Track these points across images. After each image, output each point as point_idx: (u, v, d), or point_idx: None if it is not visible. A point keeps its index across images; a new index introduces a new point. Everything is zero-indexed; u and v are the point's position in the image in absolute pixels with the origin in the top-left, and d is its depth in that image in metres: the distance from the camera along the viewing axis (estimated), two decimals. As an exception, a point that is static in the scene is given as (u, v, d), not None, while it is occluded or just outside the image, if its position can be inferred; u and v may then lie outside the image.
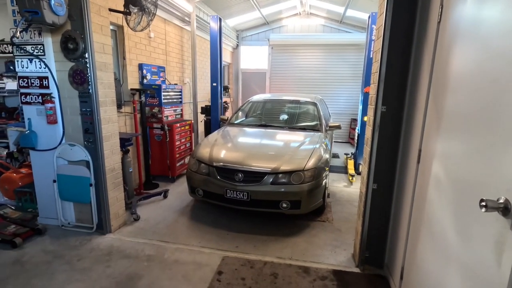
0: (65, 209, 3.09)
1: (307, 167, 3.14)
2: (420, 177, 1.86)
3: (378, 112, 2.22)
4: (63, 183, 2.97)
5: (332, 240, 3.05)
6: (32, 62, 2.79)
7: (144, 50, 4.52)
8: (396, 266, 2.21)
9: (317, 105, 4.73)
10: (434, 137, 1.69)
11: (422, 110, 1.86)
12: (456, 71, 1.49)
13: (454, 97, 1.49)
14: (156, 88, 4.41)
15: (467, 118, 1.35)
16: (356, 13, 7.15)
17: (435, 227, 1.61)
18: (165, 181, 4.69)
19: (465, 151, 1.36)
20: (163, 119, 4.51)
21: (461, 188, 1.37)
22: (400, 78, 2.17)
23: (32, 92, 2.87)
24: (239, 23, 8.21)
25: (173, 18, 5.31)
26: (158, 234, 3.05)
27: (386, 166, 2.32)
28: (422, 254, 1.76)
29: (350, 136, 8.42)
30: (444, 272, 1.48)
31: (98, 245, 2.81)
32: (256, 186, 3.07)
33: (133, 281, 2.30)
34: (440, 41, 1.69)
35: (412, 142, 2.03)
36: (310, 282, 2.34)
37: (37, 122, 2.93)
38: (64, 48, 2.67)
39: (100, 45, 2.78)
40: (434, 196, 1.65)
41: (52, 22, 2.36)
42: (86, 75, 2.71)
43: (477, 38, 1.33)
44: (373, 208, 2.40)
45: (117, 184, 3.14)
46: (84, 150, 2.88)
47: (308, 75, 8.66)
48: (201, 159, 3.41)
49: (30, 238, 2.86)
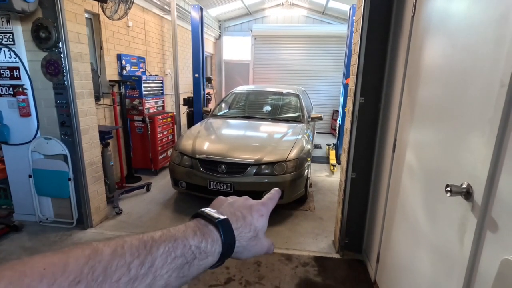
0: (42, 204, 3.00)
1: (289, 158, 3.19)
2: (395, 165, 1.95)
3: (357, 103, 2.29)
4: (40, 178, 2.87)
5: (314, 228, 3.15)
6: (1, 52, 2.65)
7: (123, 39, 4.37)
8: (373, 250, 2.32)
9: (299, 96, 4.78)
10: (408, 127, 1.77)
11: (397, 101, 1.93)
12: (428, 64, 1.56)
13: (425, 89, 1.56)
14: (136, 79, 4.29)
15: (436, 109, 1.43)
16: (338, 4, 7.20)
17: (408, 211, 1.71)
18: (148, 174, 4.63)
19: (434, 140, 1.44)
20: (144, 111, 4.42)
21: (430, 175, 1.46)
22: (378, 70, 2.24)
23: (2, 83, 2.72)
24: (222, 13, 8.06)
25: (152, 7, 5.14)
26: (141, 227, 3.03)
27: (364, 155, 2.41)
28: (396, 238, 1.87)
29: (332, 127, 8.58)
30: (415, 253, 1.59)
31: (79, 240, 2.77)
32: (239, 178, 3.10)
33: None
34: (414, 35, 1.76)
35: (388, 132, 2.12)
36: (292, 268, 2.42)
37: (8, 115, 2.80)
38: (36, 37, 2.54)
39: (75, 34, 2.67)
40: (407, 183, 1.74)
41: (22, 9, 2.23)
42: (60, 66, 2.60)
43: (446, 32, 1.40)
44: (352, 196, 2.50)
45: (97, 178, 3.07)
46: (61, 144, 2.79)
47: (291, 66, 8.69)
48: (184, 152, 3.39)
49: (6, 235, 2.76)
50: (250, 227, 0.41)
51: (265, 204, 0.45)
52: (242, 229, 0.40)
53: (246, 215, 0.41)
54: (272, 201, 0.47)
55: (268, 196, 0.48)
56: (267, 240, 0.44)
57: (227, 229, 0.38)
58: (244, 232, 0.40)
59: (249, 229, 0.40)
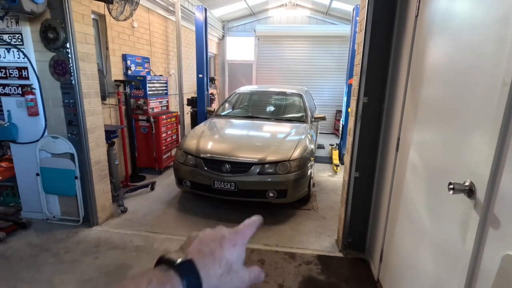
0: (49, 202, 3.05)
1: (293, 157, 3.21)
2: (399, 164, 1.97)
3: (360, 103, 2.30)
4: (47, 176, 2.92)
5: (317, 227, 3.17)
6: (10, 52, 2.70)
7: (128, 40, 4.42)
8: (376, 249, 2.34)
9: (302, 96, 4.80)
10: (411, 126, 1.79)
11: (401, 101, 1.95)
12: (431, 63, 1.57)
13: (428, 88, 1.58)
14: (141, 79, 4.34)
15: (439, 108, 1.45)
16: (341, 5, 7.21)
17: (411, 209, 1.72)
18: (152, 173, 4.67)
19: (437, 138, 1.46)
20: (148, 111, 4.46)
21: (433, 173, 1.48)
22: (381, 70, 2.25)
23: (10, 83, 2.77)
24: (225, 13, 8.10)
25: (157, 8, 5.19)
26: (146, 225, 3.07)
27: (368, 155, 2.42)
28: (399, 236, 1.88)
29: (335, 127, 8.59)
30: (418, 251, 1.60)
31: (85, 237, 2.80)
32: (243, 177, 3.13)
33: (123, 271, 2.33)
34: (417, 35, 1.77)
35: (392, 131, 2.13)
36: (296, 267, 2.44)
37: (17, 114, 2.85)
38: (44, 38, 2.59)
39: (82, 35, 2.71)
40: (410, 181, 1.76)
41: (31, 10, 2.28)
42: (68, 66, 2.65)
43: (449, 32, 1.41)
44: (356, 195, 2.51)
45: (103, 177, 3.11)
46: (68, 143, 2.83)
47: (294, 67, 8.71)
48: (188, 151, 3.43)
49: (14, 232, 2.81)
50: (220, 262, 0.36)
51: (239, 232, 0.41)
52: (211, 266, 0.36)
53: (214, 249, 0.37)
54: (250, 227, 0.43)
55: (246, 222, 0.43)
56: (249, 270, 0.40)
57: (189, 272, 0.34)
58: (213, 269, 0.36)
59: (218, 264, 0.36)
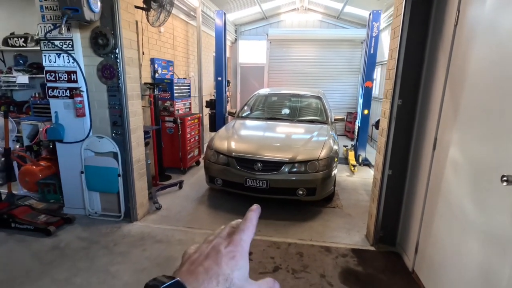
0: (91, 199, 3.21)
1: (321, 157, 3.37)
2: (436, 161, 2.12)
3: (395, 105, 2.46)
4: (91, 174, 3.08)
5: (344, 223, 3.32)
6: (60, 57, 2.87)
7: (155, 44, 4.60)
8: (410, 242, 2.49)
9: (321, 99, 4.96)
10: (451, 127, 1.94)
11: (438, 103, 2.11)
12: (474, 69, 1.73)
13: (472, 93, 1.73)
14: (169, 82, 4.52)
15: (485, 110, 1.60)
16: (353, 9, 7.39)
17: (452, 203, 1.87)
18: (176, 172, 4.83)
19: (482, 137, 1.61)
20: (174, 112, 4.63)
21: (479, 168, 1.63)
22: (415, 74, 2.41)
23: (59, 86, 2.95)
24: (238, 17, 8.30)
25: (180, 13, 5.38)
26: (182, 221, 3.22)
27: (400, 153, 2.58)
28: (438, 229, 2.03)
29: (346, 129, 8.74)
30: (461, 241, 1.75)
31: (129, 231, 2.96)
32: (274, 175, 3.29)
33: (172, 262, 2.48)
34: (456, 42, 1.93)
35: (427, 131, 2.28)
36: (333, 259, 2.59)
37: (64, 115, 3.02)
38: (95, 44, 2.76)
39: (128, 41, 2.89)
40: (451, 177, 1.91)
41: (90, 19, 2.45)
42: (115, 70, 2.82)
43: (493, 40, 1.57)
44: (388, 192, 2.66)
45: (141, 175, 3.28)
46: (112, 142, 3.00)
47: (305, 70, 8.89)
48: (219, 150, 3.58)
49: (60, 227, 2.97)
50: (217, 279, 0.34)
51: (234, 242, 0.38)
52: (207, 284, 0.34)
53: (209, 267, 0.35)
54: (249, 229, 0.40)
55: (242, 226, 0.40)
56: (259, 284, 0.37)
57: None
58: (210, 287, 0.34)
59: (216, 282, 0.34)
